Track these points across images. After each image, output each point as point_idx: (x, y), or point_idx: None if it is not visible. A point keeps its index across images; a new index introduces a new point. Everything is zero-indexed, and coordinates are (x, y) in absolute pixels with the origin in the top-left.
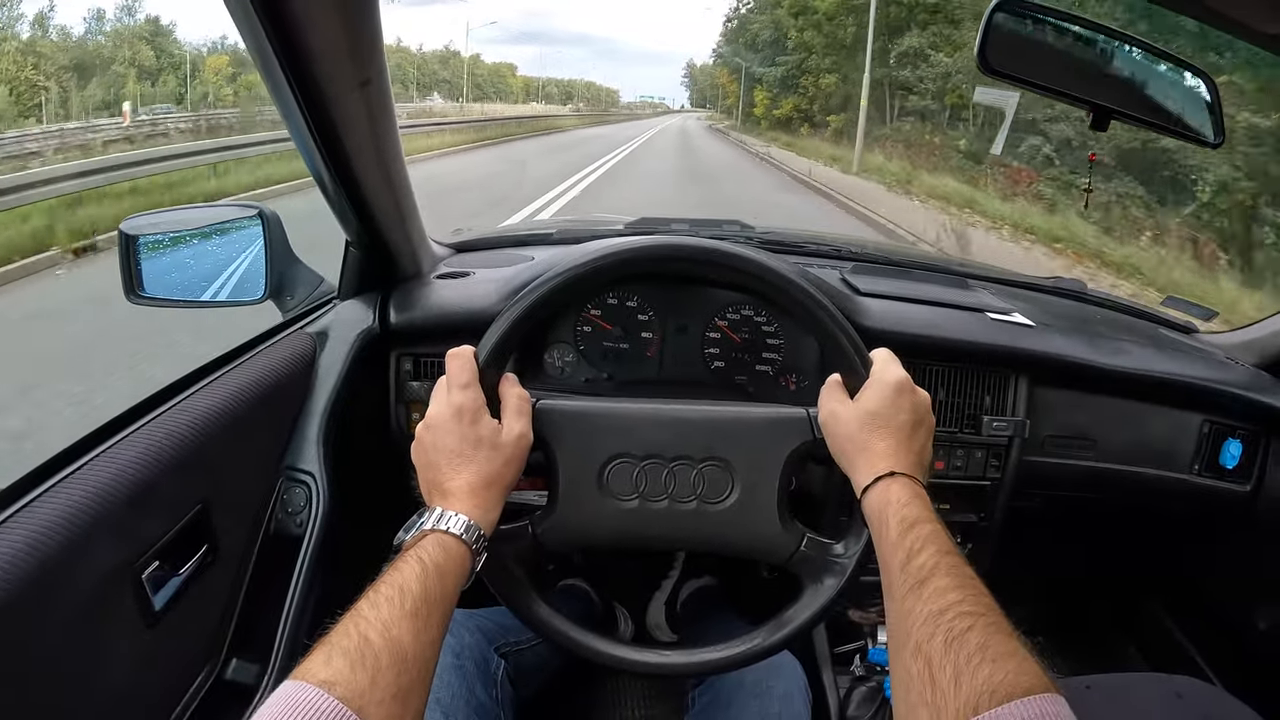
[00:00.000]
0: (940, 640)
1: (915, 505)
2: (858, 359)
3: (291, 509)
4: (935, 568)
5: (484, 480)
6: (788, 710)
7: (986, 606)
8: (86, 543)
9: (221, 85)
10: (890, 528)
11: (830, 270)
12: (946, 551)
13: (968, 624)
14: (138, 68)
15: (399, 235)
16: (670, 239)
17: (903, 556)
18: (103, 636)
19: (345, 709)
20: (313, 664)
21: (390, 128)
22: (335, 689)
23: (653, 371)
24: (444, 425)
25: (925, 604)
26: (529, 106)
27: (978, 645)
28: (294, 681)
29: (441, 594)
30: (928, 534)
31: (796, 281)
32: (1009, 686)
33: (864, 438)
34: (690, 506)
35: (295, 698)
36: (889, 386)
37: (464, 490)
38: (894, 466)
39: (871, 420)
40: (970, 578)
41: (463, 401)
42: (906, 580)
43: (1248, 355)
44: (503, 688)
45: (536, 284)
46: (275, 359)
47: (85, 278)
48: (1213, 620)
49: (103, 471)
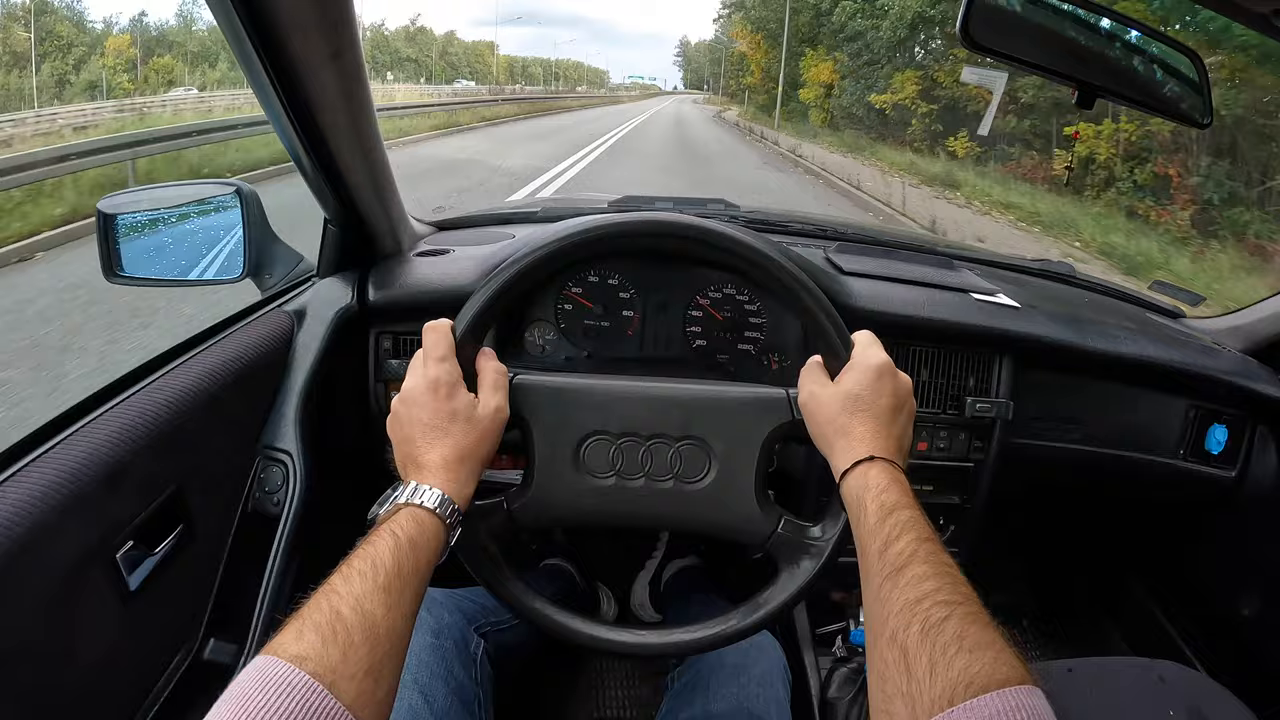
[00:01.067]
0: (916, 629)
1: (894, 490)
2: (839, 340)
3: (269, 488)
4: (913, 555)
5: (459, 454)
6: (766, 691)
7: (964, 595)
8: (59, 523)
9: (116, 72)
10: (868, 513)
11: (815, 249)
12: (925, 539)
13: (944, 613)
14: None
15: (377, 212)
16: (652, 215)
17: (880, 543)
18: (77, 617)
19: (317, 684)
20: (284, 639)
21: (365, 102)
22: (307, 664)
23: (633, 350)
24: (419, 399)
25: (902, 592)
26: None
27: (954, 635)
28: (265, 657)
29: (415, 568)
30: (906, 520)
31: (777, 260)
32: (985, 677)
33: (844, 420)
34: (667, 486)
35: (266, 673)
36: (870, 370)
37: (438, 464)
38: (873, 451)
39: (852, 403)
40: (948, 565)
41: (439, 375)
42: (884, 567)
43: (1234, 340)
44: (482, 667)
45: (516, 257)
46: (252, 337)
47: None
48: (1196, 606)
49: (75, 451)
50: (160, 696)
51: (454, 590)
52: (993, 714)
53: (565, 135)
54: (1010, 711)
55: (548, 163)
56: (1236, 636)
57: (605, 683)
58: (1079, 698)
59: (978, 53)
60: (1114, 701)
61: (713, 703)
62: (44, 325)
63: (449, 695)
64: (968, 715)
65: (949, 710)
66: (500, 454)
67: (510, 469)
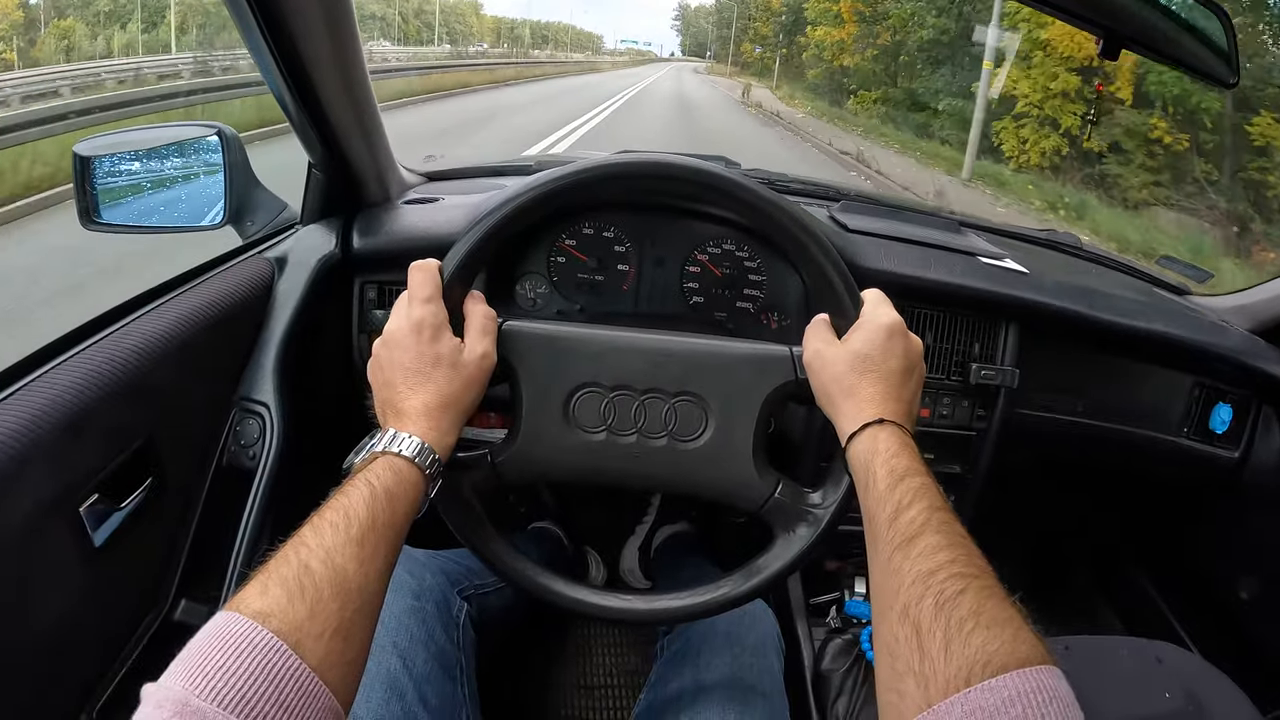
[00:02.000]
0: (930, 603)
1: (905, 456)
2: (848, 298)
3: (244, 441)
4: (925, 524)
5: (441, 401)
6: (759, 661)
7: (980, 569)
8: (18, 471)
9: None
10: (878, 479)
11: (819, 208)
12: (938, 508)
13: (960, 586)
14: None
15: (364, 156)
16: (658, 157)
17: (890, 510)
18: (37, 574)
19: (280, 642)
20: (248, 594)
21: (351, 38)
22: (270, 621)
23: (628, 305)
24: (402, 341)
25: (914, 564)
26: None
27: (971, 610)
28: (226, 613)
29: (390, 520)
30: (918, 487)
31: (786, 208)
32: (1004, 656)
33: (852, 381)
34: (660, 443)
35: (226, 630)
36: (881, 329)
37: (419, 411)
38: (882, 414)
39: (861, 363)
40: (962, 536)
41: (423, 316)
42: (894, 536)
43: (1241, 319)
44: (465, 631)
45: (509, 197)
46: (230, 284)
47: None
48: (1193, 587)
49: (37, 397)
50: (128, 659)
51: (437, 552)
52: (1012, 696)
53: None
54: (1031, 693)
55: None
56: (1233, 620)
57: (592, 649)
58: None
59: None
60: (1111, 680)
61: (704, 672)
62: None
63: (429, 660)
64: (985, 696)
65: (965, 691)
66: (487, 411)
67: (498, 427)
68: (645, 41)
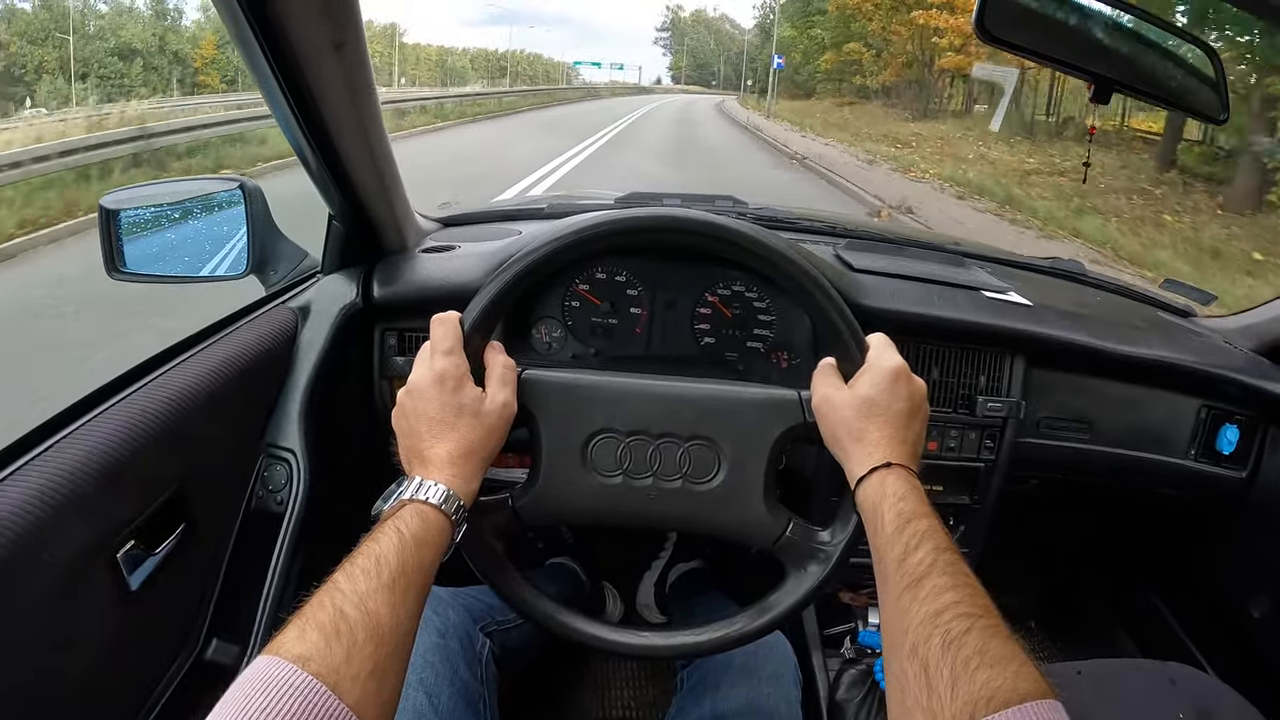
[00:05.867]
0: (938, 642)
1: (912, 499)
2: (854, 343)
3: (272, 487)
4: (932, 565)
5: (465, 450)
6: (776, 691)
7: (984, 608)
8: (58, 522)
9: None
10: (886, 521)
11: (824, 247)
12: (944, 549)
13: (965, 626)
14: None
15: (382, 207)
16: (667, 211)
17: (899, 552)
18: (76, 617)
19: (320, 685)
20: (286, 638)
21: (369, 94)
22: (310, 664)
23: (640, 348)
24: (426, 392)
25: (922, 604)
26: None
27: (976, 649)
28: (267, 657)
29: (419, 565)
30: (924, 530)
31: (792, 257)
32: (1007, 692)
33: (859, 425)
34: (675, 485)
35: (269, 674)
36: (886, 373)
37: (444, 459)
38: (890, 457)
39: (868, 408)
40: (967, 576)
41: (445, 367)
42: (903, 578)
43: (1246, 340)
44: (487, 667)
45: (525, 251)
46: (256, 334)
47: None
48: (1207, 607)
49: (75, 450)
50: (162, 697)
51: (459, 589)
52: None
53: None
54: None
55: None
56: (1247, 639)
57: (612, 683)
58: (1088, 700)
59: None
60: (1123, 703)
61: (722, 703)
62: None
63: (454, 695)
64: None
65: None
66: (506, 452)
67: (516, 467)
68: (615, 63)
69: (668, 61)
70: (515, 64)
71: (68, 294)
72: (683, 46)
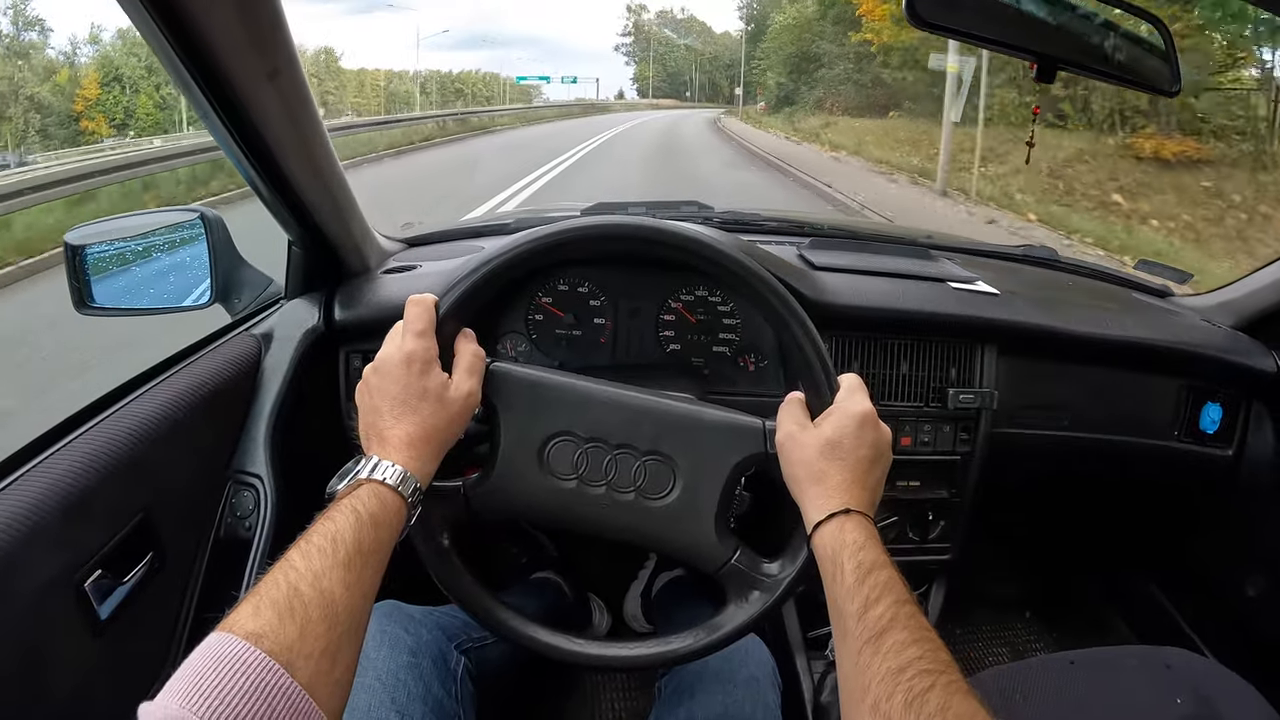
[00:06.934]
0: (900, 700)
1: (871, 548)
2: (825, 381)
3: (240, 513)
4: (893, 620)
5: (424, 433)
6: (753, 696)
7: (945, 664)
8: (23, 553)
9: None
10: (846, 572)
11: (788, 247)
12: (904, 601)
13: (928, 683)
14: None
15: (339, 230)
16: (648, 222)
17: (859, 605)
18: (46, 649)
19: (273, 662)
20: (240, 615)
21: (311, 120)
22: (263, 641)
23: (606, 358)
24: (392, 371)
25: (884, 660)
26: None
27: (938, 706)
28: (220, 634)
29: (375, 545)
30: (885, 581)
31: (772, 285)
32: None
33: (821, 466)
34: (627, 498)
35: (221, 651)
36: (854, 417)
37: (403, 440)
38: (848, 503)
39: (831, 450)
40: (926, 629)
41: (415, 349)
42: (864, 632)
43: (1225, 317)
44: (463, 685)
45: (513, 243)
46: (218, 362)
47: None
48: (1201, 590)
49: (38, 483)
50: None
51: (433, 608)
52: None
53: None
54: None
55: None
56: (1242, 619)
57: (599, 694)
58: (1082, 689)
59: (926, 30)
60: (1119, 691)
61: (699, 710)
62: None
63: (427, 715)
64: None
65: None
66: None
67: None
68: (568, 77)
69: (630, 72)
70: (471, 85)
71: None
72: (648, 54)
